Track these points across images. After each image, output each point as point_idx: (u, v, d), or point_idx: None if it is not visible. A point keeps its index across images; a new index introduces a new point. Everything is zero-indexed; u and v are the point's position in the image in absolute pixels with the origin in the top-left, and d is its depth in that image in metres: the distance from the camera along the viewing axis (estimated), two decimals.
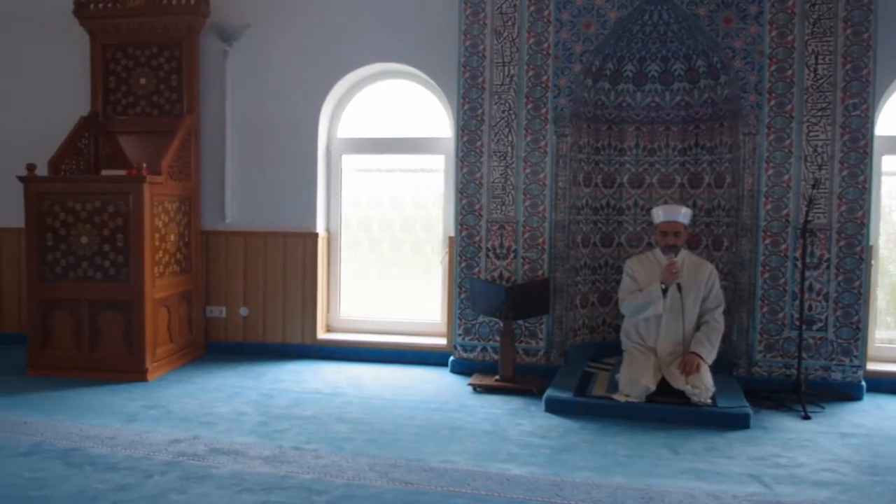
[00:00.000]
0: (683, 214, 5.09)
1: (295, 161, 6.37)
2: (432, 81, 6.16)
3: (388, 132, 6.51)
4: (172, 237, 5.98)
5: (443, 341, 6.22)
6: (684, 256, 5.12)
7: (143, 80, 6.38)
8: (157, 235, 5.72)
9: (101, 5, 6.30)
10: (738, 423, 4.64)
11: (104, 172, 6.23)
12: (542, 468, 3.96)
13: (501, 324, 5.46)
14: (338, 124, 6.55)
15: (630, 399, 4.84)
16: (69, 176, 6.06)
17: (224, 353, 6.48)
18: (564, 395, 4.99)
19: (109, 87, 6.41)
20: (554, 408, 4.91)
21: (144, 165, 5.61)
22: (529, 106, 5.67)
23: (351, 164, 6.60)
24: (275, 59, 6.37)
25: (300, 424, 4.63)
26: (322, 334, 6.47)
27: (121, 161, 6.33)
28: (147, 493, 3.58)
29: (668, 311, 5.02)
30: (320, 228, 6.42)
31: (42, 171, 5.82)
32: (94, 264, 5.61)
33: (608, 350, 5.88)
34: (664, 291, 4.97)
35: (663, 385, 4.92)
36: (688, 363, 4.82)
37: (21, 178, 5.67)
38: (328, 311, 6.60)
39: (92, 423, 4.61)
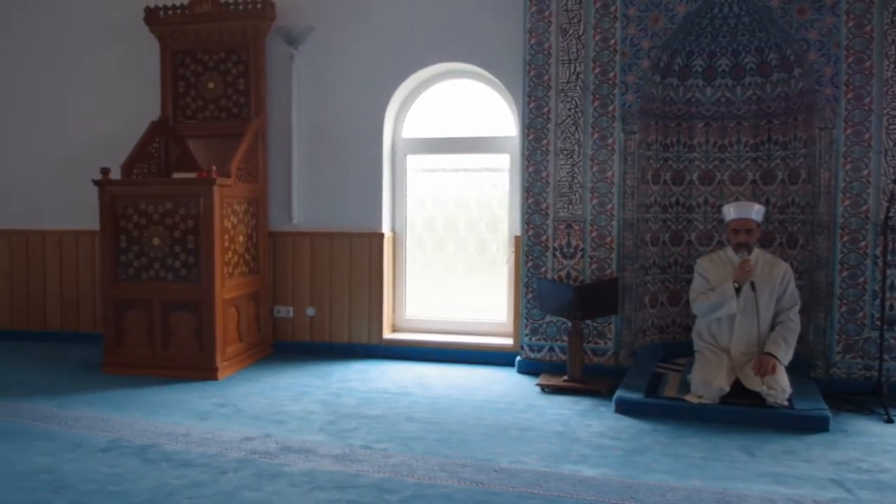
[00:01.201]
0: (756, 211, 4.96)
1: (360, 162, 6.40)
2: (497, 80, 6.13)
3: (452, 132, 6.50)
4: (241, 238, 6.06)
5: (509, 341, 6.18)
6: (758, 255, 4.99)
7: (211, 85, 6.48)
8: (226, 237, 5.81)
9: (170, 12, 6.43)
10: (817, 425, 4.50)
11: (175, 175, 6.35)
12: (614, 470, 3.89)
13: (569, 324, 5.40)
14: (402, 125, 6.57)
15: (703, 400, 4.74)
16: (141, 179, 6.19)
17: (291, 352, 6.54)
18: (635, 395, 4.91)
19: (179, 91, 6.54)
20: (624, 409, 4.84)
21: (214, 168, 5.70)
22: (596, 103, 5.59)
23: (416, 164, 6.61)
24: (339, 61, 6.41)
25: (369, 423, 4.64)
26: (388, 334, 6.49)
27: (190, 164, 6.45)
28: (221, 490, 3.62)
29: (741, 310, 4.89)
30: (386, 229, 6.45)
31: (115, 174, 5.94)
32: (166, 265, 5.72)
33: (678, 350, 5.77)
34: (737, 290, 4.85)
35: (737, 386, 4.80)
36: (763, 364, 4.70)
37: (96, 182, 5.81)
38: (394, 310, 6.62)
39: (166, 420, 4.70)
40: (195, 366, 5.68)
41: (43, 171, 7.02)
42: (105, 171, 5.81)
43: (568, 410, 4.91)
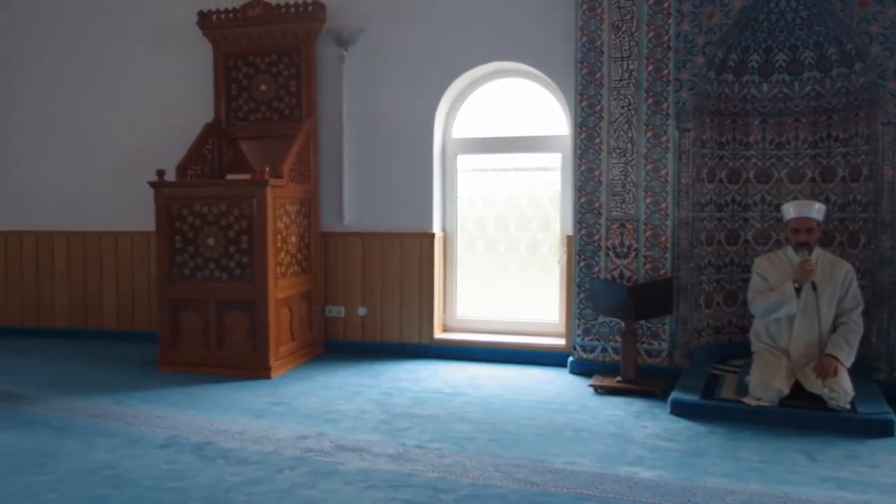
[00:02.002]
0: (817, 210, 4.85)
1: (411, 162, 6.41)
2: (548, 79, 6.09)
3: (503, 131, 6.47)
4: (293, 238, 6.11)
5: (561, 342, 6.13)
6: (818, 254, 4.87)
7: (263, 87, 6.55)
8: (279, 237, 5.86)
9: (223, 16, 6.51)
10: (881, 429, 4.37)
11: (229, 177, 6.42)
12: (671, 472, 3.83)
13: (623, 324, 5.33)
14: (453, 124, 6.56)
15: (761, 403, 4.64)
16: (196, 181, 6.27)
17: (342, 352, 6.57)
18: (691, 397, 4.82)
19: (232, 94, 6.61)
20: (680, 410, 4.76)
21: (267, 169, 5.75)
22: (650, 101, 5.52)
23: (466, 163, 6.60)
24: (390, 61, 6.43)
25: (422, 423, 4.63)
26: (439, 334, 6.49)
27: (243, 166, 6.53)
28: (278, 488, 3.65)
29: (801, 311, 4.78)
30: (436, 229, 6.45)
31: (170, 176, 6.03)
32: (221, 265, 5.78)
33: (735, 351, 5.66)
34: (797, 291, 4.75)
35: (797, 389, 4.69)
36: (825, 366, 4.58)
37: (152, 184, 5.90)
38: (445, 310, 6.61)
39: (222, 418, 4.75)
40: (249, 365, 5.74)
41: (100, 174, 7.16)
42: (160, 173, 5.89)
43: (622, 412, 4.86)
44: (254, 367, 5.73)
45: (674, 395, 4.88)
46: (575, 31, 5.69)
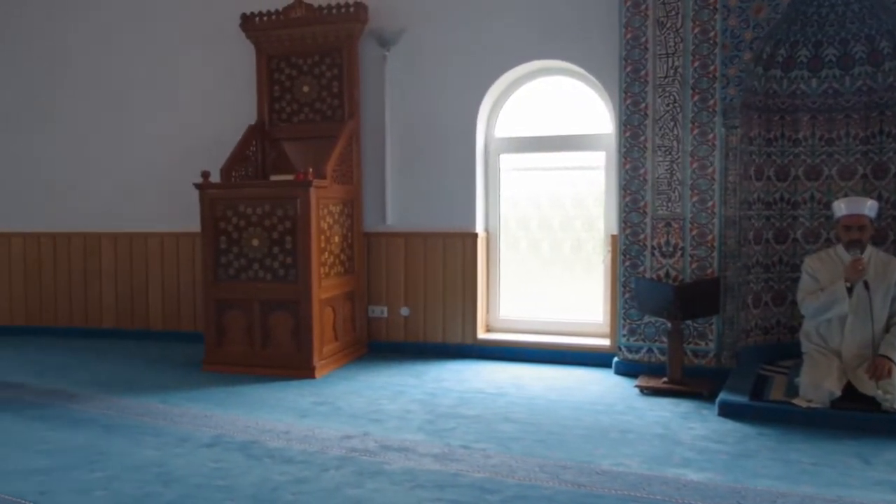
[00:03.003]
0: (869, 207, 4.74)
1: (453, 162, 6.40)
2: (591, 77, 6.04)
3: (546, 130, 6.43)
4: (337, 239, 6.13)
5: (605, 342, 6.08)
6: (871, 253, 4.76)
7: (306, 88, 6.58)
8: (322, 237, 5.88)
9: (265, 18, 6.55)
10: None
11: (272, 178, 6.46)
12: (720, 474, 3.76)
13: (669, 324, 5.26)
14: (495, 124, 6.54)
15: (812, 404, 4.54)
16: (240, 182, 6.32)
17: (385, 352, 6.58)
18: (739, 398, 4.74)
19: (274, 95, 6.66)
20: (728, 412, 4.68)
21: (311, 170, 5.77)
22: (696, 98, 5.44)
23: (509, 163, 6.57)
24: (432, 61, 6.43)
25: (467, 423, 4.61)
26: (482, 334, 6.46)
27: (286, 167, 6.57)
28: (324, 487, 3.65)
29: (853, 311, 4.67)
30: (479, 228, 6.43)
31: (215, 177, 6.08)
32: (265, 266, 5.82)
33: (784, 352, 5.56)
34: (849, 290, 4.64)
35: (849, 390, 4.58)
36: (878, 367, 4.47)
37: (197, 185, 5.96)
38: (488, 310, 6.59)
39: (267, 417, 4.77)
40: (293, 364, 5.77)
41: (145, 176, 7.26)
42: (205, 175, 5.95)
43: (668, 413, 4.79)
44: (298, 366, 5.76)
45: (722, 396, 4.80)
46: (619, 28, 5.63)
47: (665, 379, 5.26)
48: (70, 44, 7.46)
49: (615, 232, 5.85)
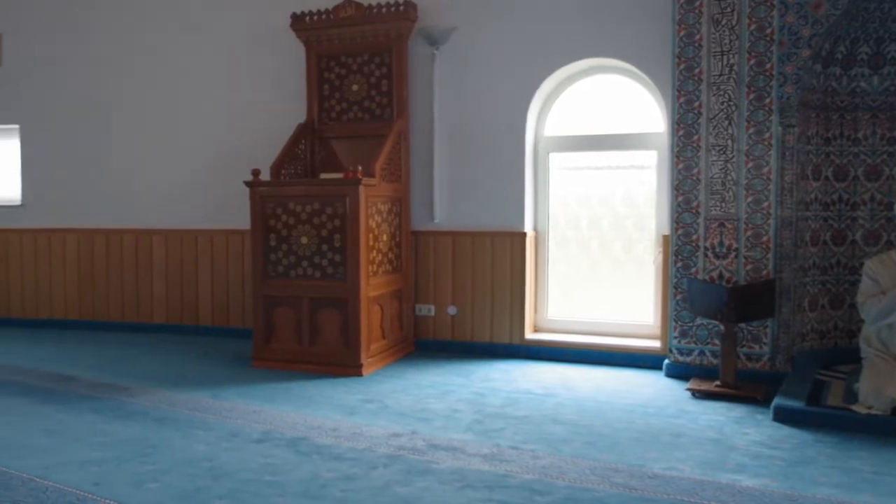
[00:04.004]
0: None
1: (502, 161, 6.36)
2: (644, 75, 5.96)
3: (596, 129, 6.36)
4: (385, 237, 6.13)
5: (656, 344, 5.98)
6: None
7: (355, 87, 6.59)
8: (371, 235, 5.88)
9: (315, 17, 6.58)
10: None
11: (322, 176, 6.49)
12: (776, 481, 3.68)
13: (722, 327, 5.15)
14: (545, 122, 6.48)
15: (873, 411, 4.41)
16: (290, 180, 6.36)
17: (432, 350, 6.57)
18: (795, 403, 4.62)
19: (324, 94, 6.68)
20: (784, 417, 4.56)
21: (360, 168, 5.78)
22: (751, 96, 5.33)
23: (559, 162, 6.51)
24: (481, 60, 6.39)
25: (515, 424, 4.57)
26: (530, 334, 6.41)
27: (335, 165, 6.59)
28: (373, 485, 3.64)
29: None
30: (528, 228, 6.38)
31: (264, 175, 6.12)
32: (314, 263, 5.84)
33: (841, 357, 5.42)
34: None
35: None
36: None
37: (247, 183, 6.00)
38: (536, 310, 6.53)
39: (315, 414, 4.79)
40: (341, 362, 5.78)
41: (196, 174, 7.35)
42: (255, 173, 5.99)
43: (722, 417, 4.70)
44: (345, 364, 5.77)
45: (777, 400, 4.69)
46: (672, 26, 5.54)
47: (718, 382, 5.16)
48: (125, 46, 7.58)
49: (667, 232, 5.76)
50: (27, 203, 7.95)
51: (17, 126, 7.97)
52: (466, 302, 6.50)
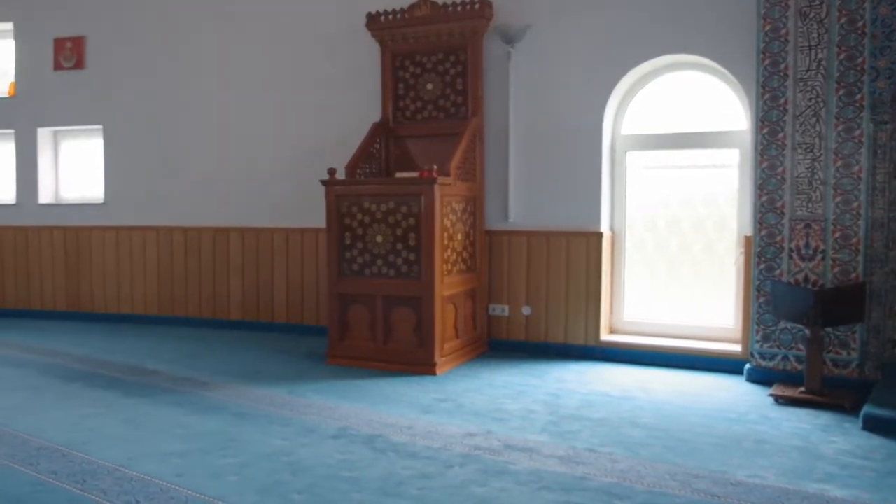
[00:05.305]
0: None
1: (578, 159, 6.27)
2: (725, 71, 5.81)
3: (676, 127, 6.22)
4: (459, 236, 6.11)
5: (736, 347, 5.81)
6: None
7: (429, 86, 6.59)
8: (445, 234, 5.87)
9: (390, 17, 6.60)
10: None
11: (397, 175, 6.51)
12: (867, 492, 3.53)
13: (808, 331, 4.97)
14: (622, 120, 6.37)
15: None
16: (365, 179, 6.39)
17: (506, 350, 6.52)
18: (887, 412, 4.43)
19: (399, 93, 6.70)
20: (874, 426, 4.38)
21: (435, 167, 5.77)
22: (841, 92, 5.14)
23: (636, 161, 6.39)
24: (557, 57, 6.32)
25: (592, 426, 4.50)
26: (605, 336, 6.31)
27: (409, 164, 6.60)
28: (449, 484, 3.62)
29: None
30: (604, 228, 6.28)
31: (340, 174, 6.17)
32: (388, 262, 5.86)
33: None
34: None
35: None
36: None
37: (323, 182, 6.05)
38: (612, 312, 6.43)
39: (390, 412, 4.79)
40: (415, 360, 5.78)
41: (272, 173, 7.44)
42: (331, 172, 6.03)
43: (807, 424, 4.53)
44: (419, 362, 5.77)
45: (867, 409, 4.50)
46: (757, 20, 5.37)
47: (802, 389, 4.98)
48: (204, 47, 7.74)
49: (749, 233, 5.60)
50: (110, 201, 8.18)
51: (100, 126, 8.20)
52: (541, 302, 6.43)
